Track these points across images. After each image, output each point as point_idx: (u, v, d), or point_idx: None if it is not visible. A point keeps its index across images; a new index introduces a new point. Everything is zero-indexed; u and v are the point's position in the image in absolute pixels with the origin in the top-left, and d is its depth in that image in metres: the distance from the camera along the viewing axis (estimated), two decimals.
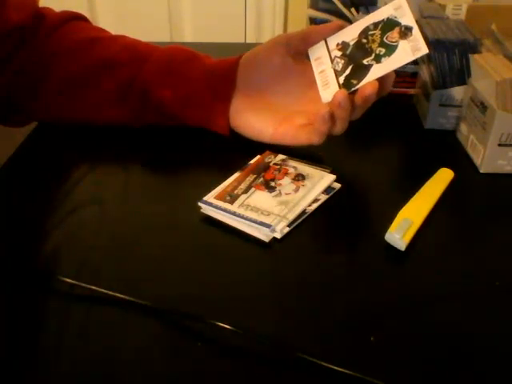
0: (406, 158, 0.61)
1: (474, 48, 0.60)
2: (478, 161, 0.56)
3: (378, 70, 0.50)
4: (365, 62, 0.51)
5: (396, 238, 0.44)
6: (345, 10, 0.77)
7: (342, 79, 0.51)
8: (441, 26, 0.64)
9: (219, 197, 0.49)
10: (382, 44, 0.50)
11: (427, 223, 0.47)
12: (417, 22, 0.50)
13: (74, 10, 0.63)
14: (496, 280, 0.42)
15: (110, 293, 0.39)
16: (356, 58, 0.51)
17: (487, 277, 0.43)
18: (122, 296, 0.39)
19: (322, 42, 0.54)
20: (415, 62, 0.71)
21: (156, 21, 1.64)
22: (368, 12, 0.76)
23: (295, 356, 0.35)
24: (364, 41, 0.51)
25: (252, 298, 0.40)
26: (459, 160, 0.58)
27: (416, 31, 0.49)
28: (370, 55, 0.51)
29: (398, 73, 0.72)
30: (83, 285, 0.40)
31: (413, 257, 0.44)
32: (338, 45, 0.53)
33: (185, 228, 0.48)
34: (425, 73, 0.66)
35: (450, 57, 0.61)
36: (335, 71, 0.52)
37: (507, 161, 0.55)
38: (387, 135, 0.64)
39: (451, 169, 0.54)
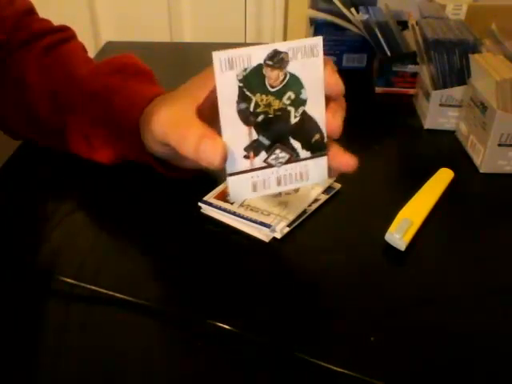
0: (406, 158, 0.61)
1: (474, 48, 0.60)
2: (477, 161, 0.56)
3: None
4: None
5: (396, 237, 0.44)
6: (345, 10, 0.77)
7: None
8: (441, 26, 0.64)
9: (219, 197, 0.49)
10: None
11: (427, 223, 0.47)
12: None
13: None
14: (496, 280, 0.42)
15: (110, 293, 0.39)
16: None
17: (487, 277, 0.43)
18: (121, 296, 0.39)
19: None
20: (415, 62, 0.71)
21: (156, 21, 1.64)
22: (368, 12, 0.75)
23: (295, 356, 0.35)
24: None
25: (252, 298, 0.40)
26: (459, 160, 0.58)
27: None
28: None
29: (398, 73, 0.73)
30: (83, 285, 0.40)
31: (413, 257, 0.44)
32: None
33: (185, 228, 0.48)
34: (425, 73, 0.66)
35: (450, 57, 0.61)
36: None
37: (507, 161, 0.55)
38: (387, 135, 0.64)
39: (451, 169, 0.54)
